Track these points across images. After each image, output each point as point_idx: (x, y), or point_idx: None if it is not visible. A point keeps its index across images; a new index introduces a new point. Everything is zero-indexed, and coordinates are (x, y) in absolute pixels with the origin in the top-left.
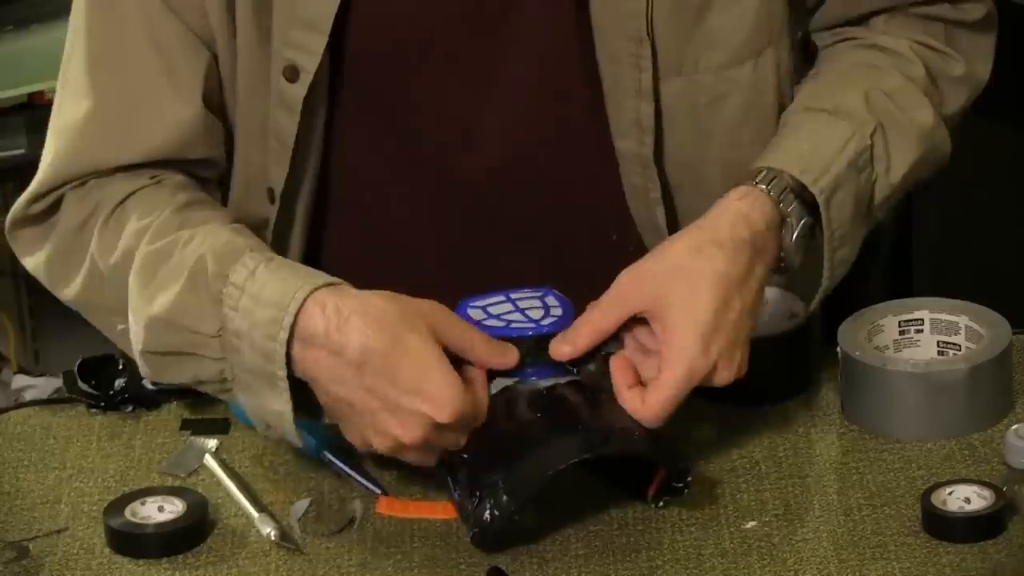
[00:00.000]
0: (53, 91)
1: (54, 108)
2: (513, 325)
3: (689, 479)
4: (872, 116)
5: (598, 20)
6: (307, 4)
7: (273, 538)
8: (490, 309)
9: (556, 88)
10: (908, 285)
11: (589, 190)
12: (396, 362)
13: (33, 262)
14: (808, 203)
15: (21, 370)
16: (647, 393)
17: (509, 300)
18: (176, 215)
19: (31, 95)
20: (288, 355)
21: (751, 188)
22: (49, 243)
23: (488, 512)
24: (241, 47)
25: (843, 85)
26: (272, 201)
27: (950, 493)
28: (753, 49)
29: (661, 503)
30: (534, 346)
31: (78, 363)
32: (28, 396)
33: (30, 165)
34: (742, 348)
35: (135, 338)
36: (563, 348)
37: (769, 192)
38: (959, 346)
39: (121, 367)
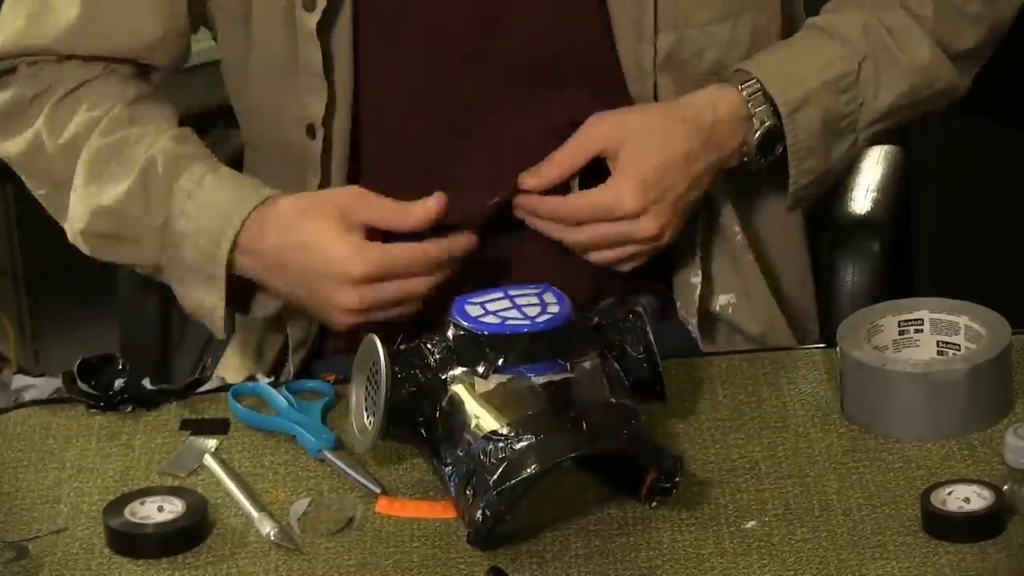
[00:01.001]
0: None
1: None
2: (508, 322)
3: (678, 479)
4: (865, 45)
5: None
6: None
7: (273, 538)
8: (488, 306)
9: (569, 24)
10: (908, 285)
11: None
12: (304, 249)
13: None
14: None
15: (21, 370)
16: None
17: (507, 297)
18: (126, 110)
19: None
20: (229, 261)
21: (726, 84)
22: None
23: (480, 512)
24: None
25: (846, 11)
26: (312, 136)
27: (949, 493)
28: (734, 9)
29: (654, 503)
30: (529, 343)
31: (78, 363)
32: (28, 396)
33: None
34: (671, 216)
35: (75, 217)
36: (530, 180)
37: (741, 91)
38: (959, 346)
39: (121, 367)
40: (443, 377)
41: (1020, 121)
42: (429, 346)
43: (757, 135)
